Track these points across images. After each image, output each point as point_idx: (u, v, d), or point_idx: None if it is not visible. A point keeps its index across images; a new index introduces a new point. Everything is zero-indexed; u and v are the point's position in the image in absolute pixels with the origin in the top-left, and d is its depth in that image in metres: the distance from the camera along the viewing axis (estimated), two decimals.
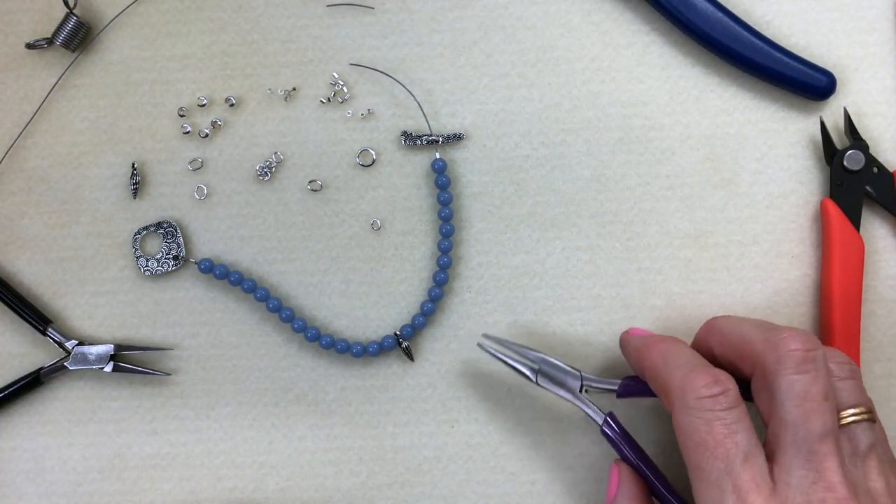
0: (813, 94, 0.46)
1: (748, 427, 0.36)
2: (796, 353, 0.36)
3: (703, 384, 0.37)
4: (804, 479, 0.35)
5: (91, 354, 0.47)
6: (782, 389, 0.36)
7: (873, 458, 0.37)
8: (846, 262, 0.45)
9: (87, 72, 0.48)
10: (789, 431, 0.36)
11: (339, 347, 0.46)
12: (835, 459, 0.35)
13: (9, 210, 0.48)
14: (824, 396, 0.36)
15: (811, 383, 0.36)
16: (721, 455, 0.36)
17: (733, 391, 0.37)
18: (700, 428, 0.37)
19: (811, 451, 0.35)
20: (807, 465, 0.35)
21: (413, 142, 0.47)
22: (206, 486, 0.47)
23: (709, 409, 0.37)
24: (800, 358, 0.36)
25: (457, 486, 0.47)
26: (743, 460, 0.35)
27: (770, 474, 0.35)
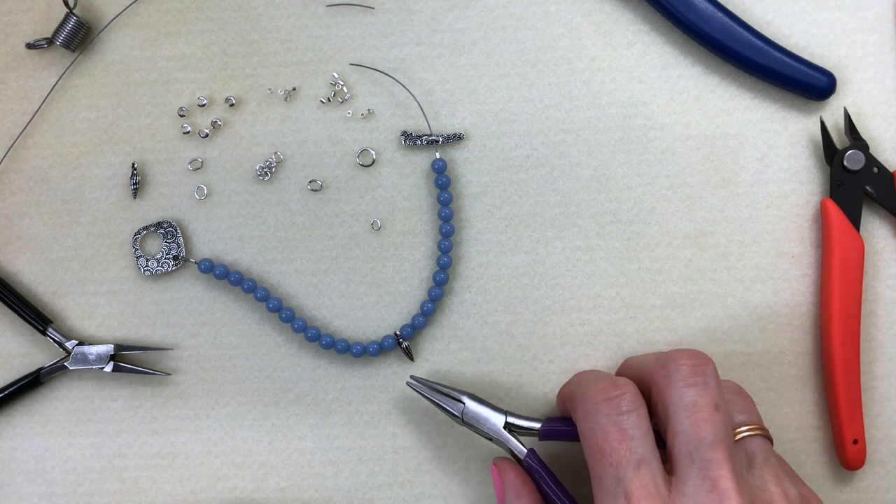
0: (813, 94, 0.46)
1: (644, 434, 0.36)
2: (684, 366, 0.37)
3: (601, 389, 0.37)
4: (698, 488, 0.35)
5: (91, 354, 0.47)
6: (673, 402, 0.37)
7: (769, 468, 0.37)
8: (846, 262, 0.45)
9: (87, 72, 0.49)
10: (681, 442, 0.36)
11: (339, 347, 0.46)
12: (727, 467, 0.35)
13: (9, 210, 0.48)
14: (714, 407, 0.36)
15: (700, 395, 0.36)
16: (615, 461, 0.36)
17: (630, 395, 0.37)
18: (597, 433, 0.37)
19: (704, 459, 0.35)
20: (700, 474, 0.35)
21: (413, 142, 0.47)
22: (206, 486, 0.47)
23: (605, 413, 0.37)
24: (688, 371, 0.37)
25: (457, 486, 0.47)
26: (636, 467, 0.36)
27: (668, 486, 0.36)
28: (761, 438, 0.39)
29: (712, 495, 0.35)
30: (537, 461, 0.41)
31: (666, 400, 0.37)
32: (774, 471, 0.37)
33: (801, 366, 0.47)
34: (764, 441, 0.39)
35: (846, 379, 0.45)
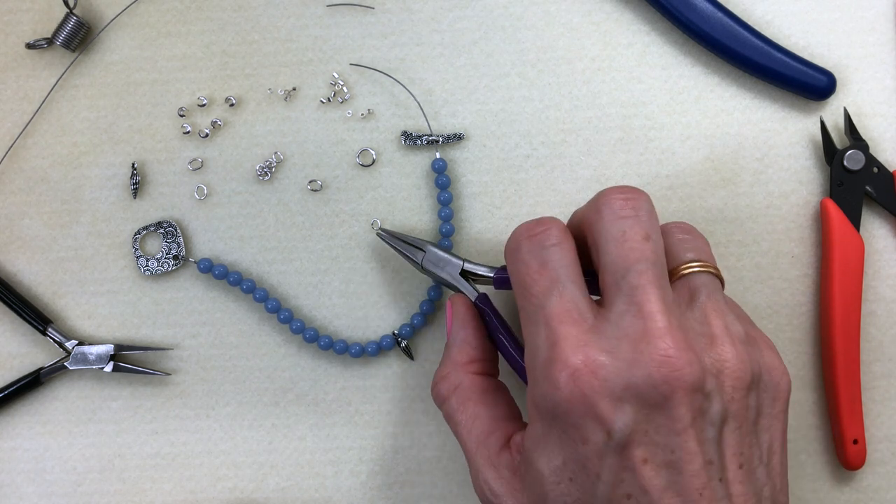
0: (813, 94, 0.46)
1: (568, 265, 0.36)
2: (615, 200, 0.36)
3: (526, 227, 0.37)
4: (623, 313, 0.34)
5: (91, 354, 0.47)
6: (602, 235, 0.35)
7: (712, 303, 0.36)
8: (846, 262, 0.45)
9: (87, 72, 0.49)
10: (609, 272, 0.35)
11: (337, 348, 0.46)
12: (654, 292, 0.34)
13: (9, 210, 0.48)
14: (645, 237, 0.35)
15: (630, 226, 0.35)
16: (536, 291, 0.35)
17: (554, 230, 0.36)
18: (520, 269, 0.36)
19: (630, 285, 0.34)
20: (626, 300, 0.34)
21: (413, 142, 0.47)
22: (206, 486, 0.47)
23: (527, 249, 0.36)
24: (619, 205, 0.36)
25: (457, 486, 0.47)
26: (558, 294, 0.35)
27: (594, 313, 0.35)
28: (708, 275, 0.37)
29: (637, 319, 0.33)
30: (487, 303, 0.42)
31: (597, 234, 0.36)
32: (718, 306, 0.36)
33: (801, 366, 0.47)
34: (710, 277, 0.37)
35: (846, 379, 0.45)
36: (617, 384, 0.33)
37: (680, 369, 0.32)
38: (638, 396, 0.33)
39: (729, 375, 0.34)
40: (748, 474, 0.34)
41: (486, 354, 0.41)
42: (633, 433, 0.33)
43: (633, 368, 0.33)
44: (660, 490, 0.33)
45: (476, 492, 0.38)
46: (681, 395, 0.32)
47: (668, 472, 0.33)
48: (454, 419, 0.40)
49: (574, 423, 0.33)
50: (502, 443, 0.38)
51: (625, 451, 0.33)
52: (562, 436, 0.34)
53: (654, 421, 0.33)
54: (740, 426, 0.34)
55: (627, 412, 0.33)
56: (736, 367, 0.34)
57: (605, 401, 0.33)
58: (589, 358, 0.33)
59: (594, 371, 0.33)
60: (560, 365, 0.33)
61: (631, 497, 0.33)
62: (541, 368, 0.34)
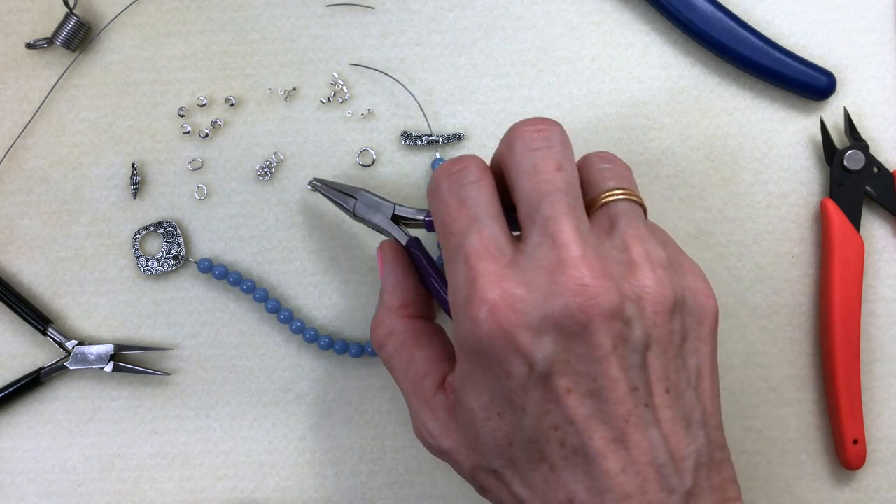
0: (813, 94, 0.46)
1: (487, 201, 0.35)
2: (525, 132, 0.35)
3: (445, 167, 0.37)
4: (538, 245, 0.33)
5: (91, 354, 0.47)
6: (515, 169, 0.35)
7: (632, 229, 0.35)
8: (846, 262, 0.45)
9: (87, 72, 0.49)
10: (524, 205, 0.34)
11: (337, 348, 0.46)
12: (568, 221, 0.33)
13: (9, 210, 0.48)
14: (557, 167, 0.34)
15: (542, 158, 0.35)
16: (455, 230, 0.35)
17: (472, 167, 0.36)
18: (440, 209, 0.36)
19: (544, 217, 0.34)
20: (540, 232, 0.34)
21: (413, 142, 0.47)
22: (206, 486, 0.47)
23: (447, 188, 0.36)
24: (529, 137, 0.35)
25: (457, 486, 0.47)
26: (477, 231, 0.34)
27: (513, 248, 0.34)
28: (628, 202, 0.36)
29: (552, 250, 0.33)
30: (418, 247, 0.41)
31: (510, 170, 0.35)
32: (638, 232, 0.35)
33: (801, 366, 0.47)
34: (631, 204, 0.36)
35: (846, 379, 0.45)
36: (534, 316, 0.32)
37: (596, 297, 0.32)
38: (556, 327, 0.32)
39: (650, 300, 0.33)
40: (676, 398, 0.34)
41: (418, 297, 0.41)
42: (554, 364, 0.32)
43: (549, 299, 0.32)
44: (585, 419, 0.32)
45: (416, 435, 0.38)
46: (599, 323, 0.32)
47: (592, 401, 0.32)
48: (391, 364, 0.40)
49: (496, 357, 0.33)
50: (437, 384, 0.38)
51: (548, 382, 0.32)
52: (486, 372, 0.34)
53: (575, 350, 0.32)
54: (665, 351, 0.34)
55: (547, 343, 0.32)
56: (656, 291, 0.34)
57: (524, 333, 0.32)
58: (506, 292, 0.33)
59: (511, 304, 0.33)
60: (478, 301, 0.33)
61: (558, 428, 0.33)
62: (461, 306, 0.34)
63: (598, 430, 0.32)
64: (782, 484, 0.46)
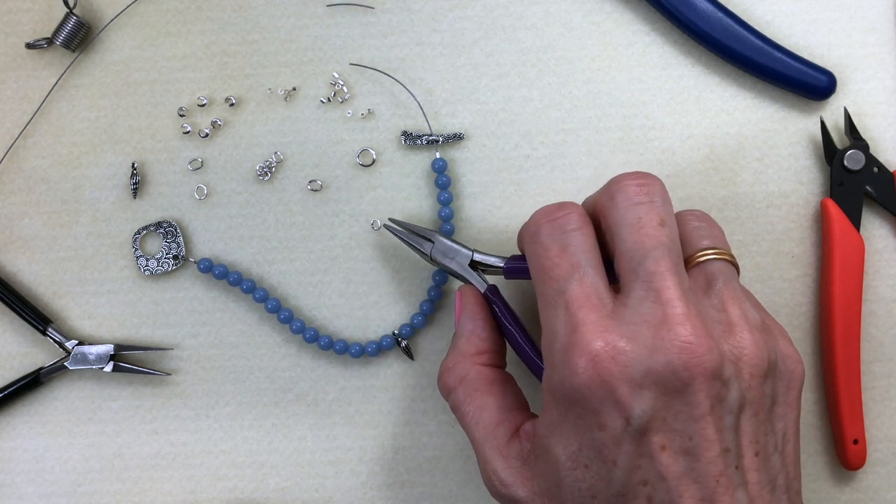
0: (813, 94, 0.46)
1: (588, 250, 0.35)
2: (629, 186, 0.36)
3: (546, 212, 0.37)
4: (642, 300, 0.34)
5: (91, 354, 0.47)
6: (617, 222, 0.35)
7: (729, 290, 0.36)
8: (846, 262, 0.45)
9: (87, 72, 0.49)
10: (625, 259, 0.35)
11: (337, 348, 0.46)
12: (672, 278, 0.34)
13: (9, 210, 0.48)
14: (660, 223, 0.35)
15: (645, 212, 0.35)
16: (556, 276, 0.35)
17: (575, 215, 0.36)
18: (538, 253, 0.36)
19: (647, 272, 0.34)
20: (643, 286, 0.34)
21: (413, 142, 0.47)
22: (206, 486, 0.47)
23: (547, 233, 0.36)
24: (633, 191, 0.36)
25: (457, 486, 0.47)
26: (578, 279, 0.35)
27: (612, 299, 0.34)
28: (724, 262, 0.37)
29: (656, 306, 0.33)
30: (497, 295, 0.42)
31: (611, 221, 0.36)
32: (735, 293, 0.36)
33: None
34: (727, 265, 0.37)
35: (846, 379, 0.45)
36: (637, 370, 0.33)
37: (700, 356, 0.32)
38: (658, 383, 0.32)
39: (747, 362, 0.34)
40: (764, 462, 0.34)
41: (494, 346, 0.41)
42: (651, 419, 0.33)
43: (653, 354, 0.33)
44: (677, 477, 0.33)
45: (485, 483, 0.38)
46: (700, 382, 0.32)
47: (685, 459, 0.33)
48: (461, 410, 0.39)
49: (592, 408, 0.33)
50: (511, 432, 0.38)
51: (643, 437, 0.33)
52: (578, 421, 0.34)
53: (673, 407, 0.33)
54: (757, 414, 0.34)
55: (647, 398, 0.32)
56: (754, 353, 0.34)
57: (624, 386, 0.33)
58: (609, 343, 0.33)
59: (614, 356, 0.33)
60: (580, 350, 0.33)
61: (647, 483, 0.33)
62: (559, 353, 0.34)
63: (689, 488, 0.33)
64: None
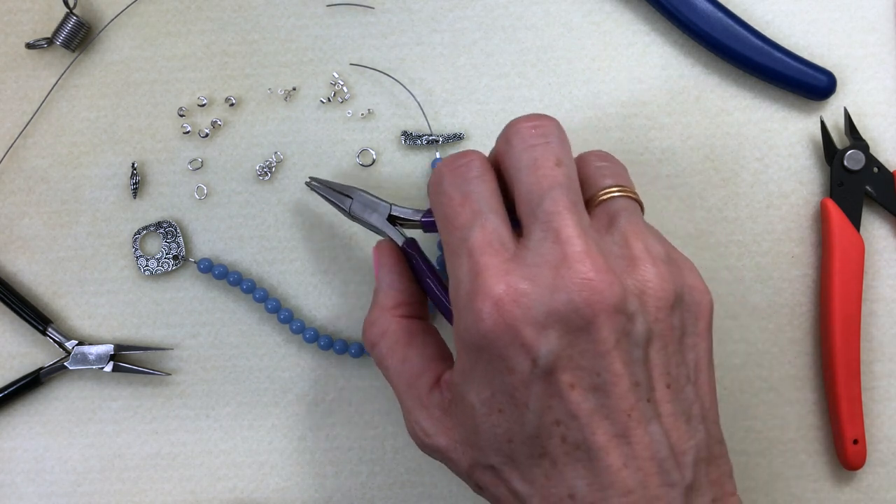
0: (813, 94, 0.46)
1: (490, 196, 0.35)
2: (524, 128, 0.36)
3: (447, 161, 0.37)
4: (541, 241, 0.33)
5: (91, 354, 0.47)
6: (514, 165, 0.35)
7: (632, 226, 0.35)
8: (846, 262, 0.45)
9: (87, 72, 0.49)
10: (524, 201, 0.35)
11: (337, 348, 0.46)
12: (570, 217, 0.33)
13: (9, 210, 0.48)
14: (556, 163, 0.35)
15: (542, 153, 0.35)
16: (459, 224, 0.35)
17: (477, 161, 0.36)
18: (443, 202, 0.36)
19: (545, 211, 0.34)
20: (543, 227, 0.34)
21: (413, 142, 0.47)
22: (206, 486, 0.47)
23: (450, 182, 0.36)
24: (527, 133, 0.35)
25: (457, 486, 0.47)
26: (480, 226, 0.34)
27: (515, 244, 0.34)
28: (626, 199, 0.36)
29: (555, 245, 0.33)
30: (414, 247, 0.41)
31: (508, 165, 0.35)
32: (637, 228, 0.35)
33: (801, 366, 0.47)
34: (629, 201, 0.37)
35: (846, 379, 0.45)
36: (539, 311, 0.32)
37: (601, 291, 0.32)
38: (561, 321, 0.32)
39: (652, 295, 0.34)
40: (676, 393, 0.34)
41: (413, 298, 0.41)
42: (558, 359, 0.32)
43: (554, 294, 0.32)
44: (588, 413, 0.32)
45: (409, 434, 0.38)
46: (603, 318, 0.32)
47: (595, 396, 0.33)
48: (384, 364, 0.40)
49: (499, 353, 0.33)
50: (432, 383, 0.38)
51: (551, 377, 0.32)
52: (488, 367, 0.34)
53: (579, 345, 0.32)
54: (666, 346, 0.34)
55: (551, 338, 0.32)
56: (658, 286, 0.34)
57: (528, 328, 0.32)
58: (511, 286, 0.33)
59: (516, 299, 0.33)
60: (482, 296, 0.33)
61: (560, 423, 0.33)
62: (464, 300, 0.34)
63: (601, 425, 0.32)
64: (782, 484, 0.46)
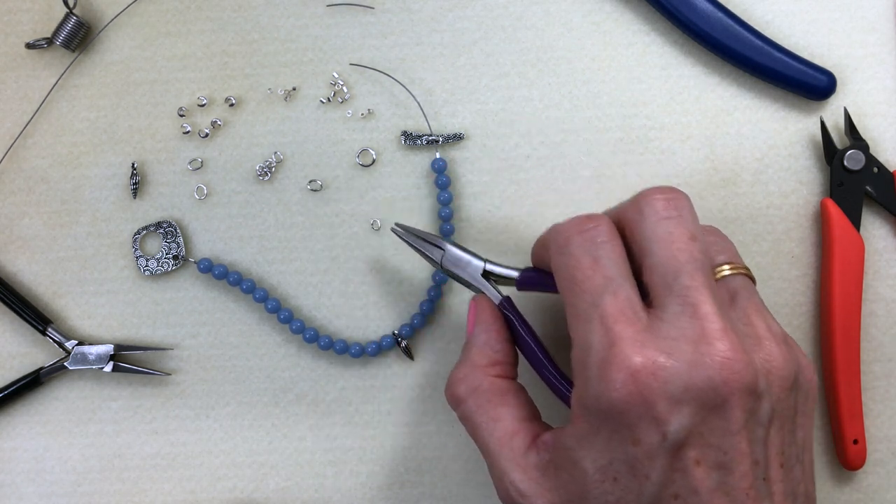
0: (813, 94, 0.46)
1: (620, 262, 0.35)
2: (657, 200, 0.36)
3: (575, 223, 0.36)
4: (678, 315, 0.33)
5: (91, 354, 0.47)
6: (647, 236, 0.35)
7: (752, 304, 0.36)
8: (846, 262, 0.45)
9: (87, 72, 0.49)
10: (658, 273, 0.35)
11: (337, 348, 0.46)
12: (707, 293, 0.34)
13: (9, 210, 0.48)
14: (691, 237, 0.35)
15: (675, 226, 0.35)
16: (589, 288, 0.35)
17: (604, 226, 0.36)
18: (570, 264, 0.36)
19: (683, 286, 0.34)
20: (679, 301, 0.34)
21: (413, 142, 0.47)
22: (206, 486, 0.47)
23: (578, 244, 0.36)
24: (662, 205, 0.35)
25: (457, 486, 0.47)
26: (612, 293, 0.34)
27: (646, 313, 0.34)
28: (743, 277, 0.37)
29: (694, 321, 0.33)
30: (511, 307, 0.41)
31: (640, 235, 0.35)
32: (759, 307, 0.36)
33: None
34: (746, 280, 0.37)
35: (846, 379, 0.45)
36: (676, 386, 0.32)
37: (738, 371, 0.33)
38: (697, 398, 0.32)
39: (777, 375, 0.34)
40: (787, 472, 0.35)
41: (507, 358, 0.40)
42: (689, 435, 0.33)
43: (693, 370, 0.32)
44: (709, 490, 0.33)
45: (500, 495, 0.38)
46: (737, 397, 0.33)
47: (718, 473, 0.33)
48: (473, 421, 0.39)
49: (628, 423, 0.33)
50: (528, 443, 0.38)
51: (678, 452, 0.33)
52: (611, 435, 0.34)
53: (710, 423, 0.33)
54: (783, 426, 0.35)
55: (685, 414, 0.32)
56: (782, 366, 0.34)
57: (663, 402, 0.32)
58: (648, 359, 0.33)
59: (654, 372, 0.33)
60: (618, 365, 0.33)
61: (678, 497, 0.33)
62: (595, 367, 0.34)
63: (720, 501, 0.33)
64: None
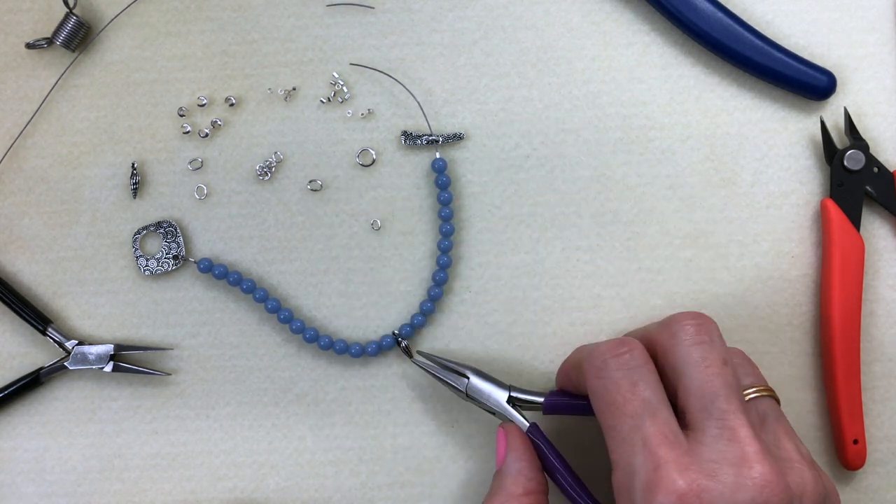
0: (813, 94, 0.46)
1: (655, 384, 0.37)
2: (689, 326, 0.37)
3: (609, 347, 0.38)
4: (717, 438, 0.35)
5: (91, 354, 0.47)
6: (682, 360, 0.37)
7: (781, 427, 0.38)
8: (846, 262, 0.45)
9: (87, 72, 0.49)
10: (695, 396, 0.36)
11: (337, 348, 0.46)
12: (743, 418, 0.35)
13: (9, 210, 0.48)
14: (723, 362, 0.36)
15: (708, 351, 0.37)
16: (629, 411, 0.36)
17: (638, 351, 0.37)
18: (609, 388, 0.37)
19: (720, 410, 0.35)
20: (718, 425, 0.35)
21: (413, 142, 0.47)
22: (206, 486, 0.47)
23: (615, 368, 0.37)
24: (693, 330, 0.37)
25: (457, 486, 0.47)
26: (652, 416, 0.36)
27: (685, 437, 0.36)
28: (770, 399, 0.39)
29: (732, 444, 0.35)
30: (539, 434, 0.42)
31: (673, 359, 0.37)
32: (787, 429, 0.38)
33: (801, 366, 0.47)
34: (773, 402, 0.39)
35: (846, 379, 0.45)
36: None
37: (778, 494, 0.34)
38: None
39: (809, 497, 0.35)
40: None
41: (541, 486, 0.41)
42: None
43: (736, 492, 0.34)
44: None
45: None
46: None
47: None
48: None
49: None
50: None
51: None
52: None
53: None
54: None
55: None
56: (814, 489, 0.36)
57: None
58: (693, 482, 0.34)
59: (699, 495, 0.34)
60: (665, 489, 0.34)
61: None
62: (640, 491, 0.35)
63: None
64: None
